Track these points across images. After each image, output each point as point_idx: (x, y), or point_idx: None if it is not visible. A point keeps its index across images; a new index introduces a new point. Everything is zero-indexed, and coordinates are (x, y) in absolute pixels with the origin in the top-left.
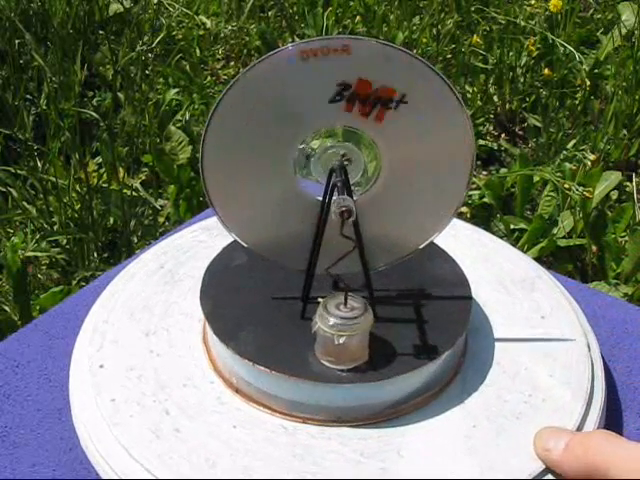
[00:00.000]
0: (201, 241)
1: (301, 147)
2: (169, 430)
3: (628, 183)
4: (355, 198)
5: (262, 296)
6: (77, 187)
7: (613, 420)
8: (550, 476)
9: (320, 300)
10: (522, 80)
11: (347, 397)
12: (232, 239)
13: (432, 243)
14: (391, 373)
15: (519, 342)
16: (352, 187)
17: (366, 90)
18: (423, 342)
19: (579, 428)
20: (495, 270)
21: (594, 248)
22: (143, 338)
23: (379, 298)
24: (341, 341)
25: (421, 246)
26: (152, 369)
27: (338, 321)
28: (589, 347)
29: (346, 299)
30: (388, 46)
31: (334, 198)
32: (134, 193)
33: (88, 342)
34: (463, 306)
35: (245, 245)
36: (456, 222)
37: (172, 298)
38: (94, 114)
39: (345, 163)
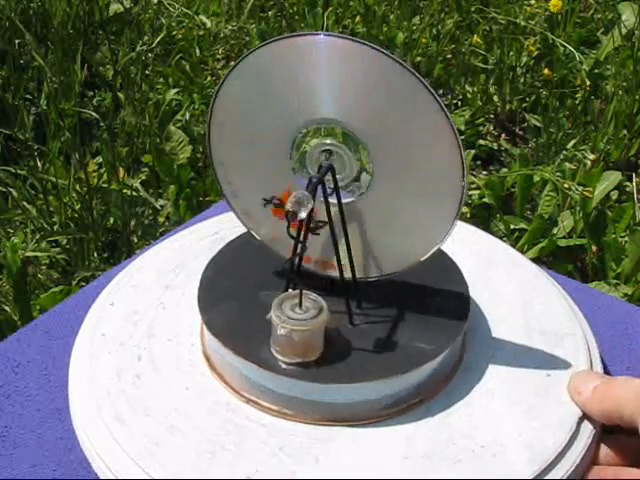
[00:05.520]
0: (201, 241)
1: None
2: (169, 430)
3: (628, 183)
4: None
5: (256, 294)
6: (77, 187)
7: None
8: (550, 476)
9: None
10: (522, 80)
11: (287, 389)
12: (232, 238)
13: None
14: (340, 377)
15: (518, 343)
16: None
17: None
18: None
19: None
20: (494, 270)
21: (594, 248)
22: (143, 339)
23: (377, 298)
24: (282, 332)
25: (424, 257)
26: (152, 370)
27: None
28: (589, 347)
29: (301, 301)
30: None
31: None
32: (134, 193)
33: (88, 342)
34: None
35: (257, 237)
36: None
37: (172, 299)
38: (94, 114)
39: (331, 159)
